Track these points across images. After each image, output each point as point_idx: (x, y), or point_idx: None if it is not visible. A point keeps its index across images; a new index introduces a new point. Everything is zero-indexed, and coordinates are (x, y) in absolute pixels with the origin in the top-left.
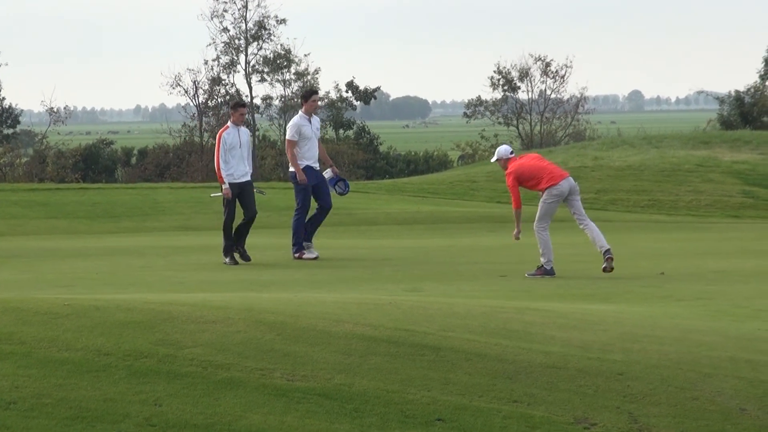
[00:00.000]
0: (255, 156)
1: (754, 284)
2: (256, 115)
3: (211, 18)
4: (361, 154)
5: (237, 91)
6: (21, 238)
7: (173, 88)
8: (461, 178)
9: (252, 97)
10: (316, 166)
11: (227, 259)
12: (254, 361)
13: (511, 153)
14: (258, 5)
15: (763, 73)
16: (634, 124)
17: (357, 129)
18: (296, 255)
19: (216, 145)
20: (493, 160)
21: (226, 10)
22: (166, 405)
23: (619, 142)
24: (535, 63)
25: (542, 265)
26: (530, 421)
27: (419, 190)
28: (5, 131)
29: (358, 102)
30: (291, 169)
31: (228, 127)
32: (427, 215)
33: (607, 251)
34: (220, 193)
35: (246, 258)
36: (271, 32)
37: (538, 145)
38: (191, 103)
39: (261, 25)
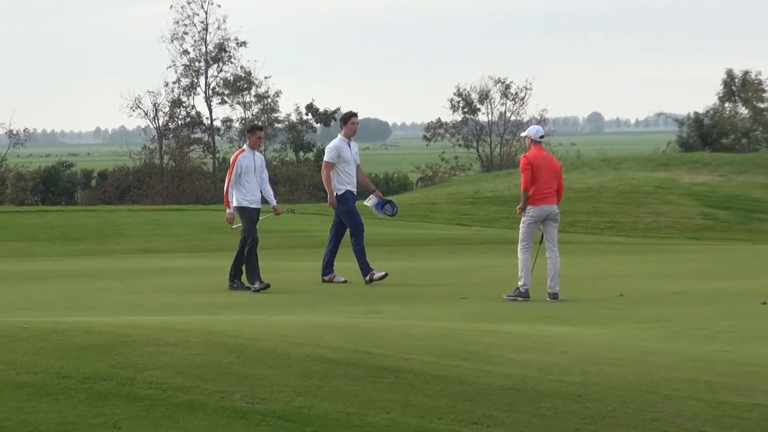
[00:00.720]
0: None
1: (713, 306)
2: (216, 137)
3: (172, 40)
4: (318, 178)
5: (197, 113)
6: None
7: (133, 110)
8: (421, 200)
9: (212, 120)
10: (355, 191)
11: (257, 284)
12: (213, 383)
13: (541, 137)
14: (218, 28)
15: (722, 95)
16: (593, 146)
17: (317, 151)
18: (368, 278)
19: (230, 167)
20: (522, 134)
21: (186, 33)
22: (126, 428)
23: (579, 164)
24: (495, 85)
25: (518, 287)
26: None
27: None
28: None
29: (319, 124)
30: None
31: (244, 150)
32: (387, 237)
33: (554, 295)
34: (237, 225)
35: (245, 287)
36: (231, 54)
37: (498, 167)
38: (151, 126)
39: (221, 47)
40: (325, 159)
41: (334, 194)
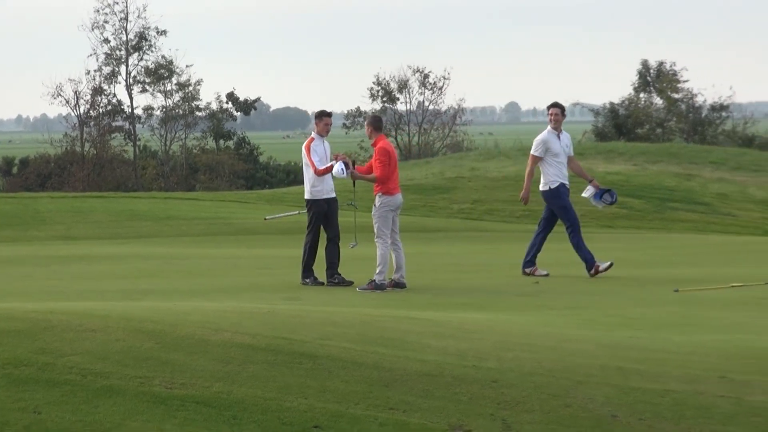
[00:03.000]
0: (191, 167)
1: (626, 294)
2: (137, 125)
3: (92, 29)
4: (241, 165)
5: (118, 101)
6: None
7: (54, 98)
8: (339, 188)
9: (132, 108)
10: (568, 183)
11: (308, 280)
12: (133, 369)
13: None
14: (138, 17)
15: (637, 85)
16: (510, 135)
17: (237, 140)
18: (592, 272)
19: (307, 156)
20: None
21: (107, 21)
22: (46, 413)
23: (496, 153)
24: (414, 75)
25: (373, 279)
26: (406, 428)
27: (298, 200)
28: None
29: (239, 113)
30: (543, 187)
31: (314, 138)
32: (306, 225)
33: (403, 284)
34: (275, 216)
35: (347, 282)
36: (152, 43)
37: (416, 155)
38: (72, 114)
39: (142, 36)
40: (531, 152)
41: (548, 188)
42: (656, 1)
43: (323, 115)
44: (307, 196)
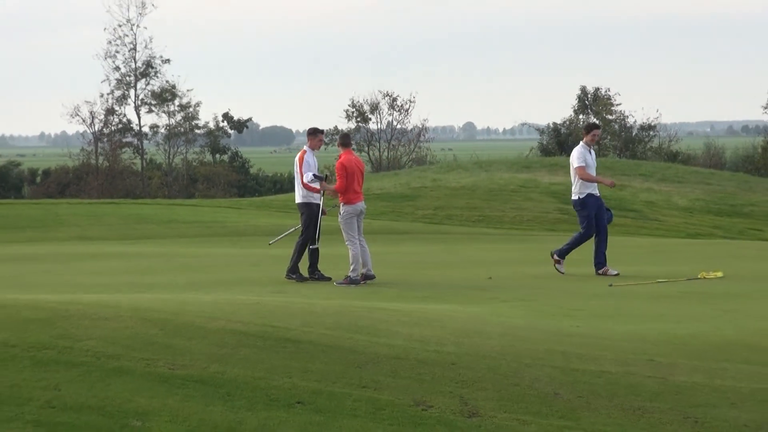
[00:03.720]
0: (191, 178)
1: (567, 288)
2: (144, 141)
3: (105, 58)
4: (234, 175)
5: (128, 120)
6: None
7: (73, 117)
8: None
9: (140, 126)
10: (597, 193)
11: (294, 276)
12: (140, 352)
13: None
14: (145, 47)
15: (576, 108)
16: (467, 151)
17: (231, 154)
18: (601, 272)
19: (299, 166)
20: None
21: (118, 51)
22: (65, 390)
23: (455, 166)
24: (384, 98)
25: (348, 275)
26: (376, 403)
27: (284, 206)
28: None
29: (233, 131)
30: (575, 197)
31: (306, 151)
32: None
33: (369, 274)
34: (276, 239)
35: (326, 278)
36: (158, 70)
37: (386, 168)
38: (88, 131)
39: (148, 64)
40: (577, 165)
41: (578, 197)
42: (594, 34)
43: (318, 132)
44: (299, 200)
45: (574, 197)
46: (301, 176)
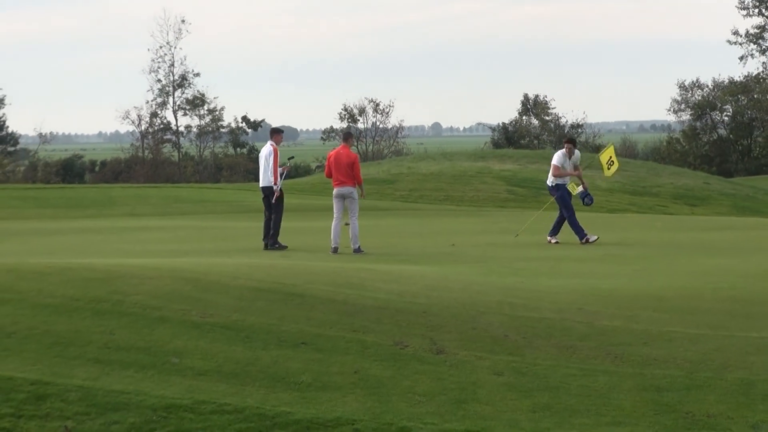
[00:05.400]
0: (217, 167)
1: (514, 252)
2: (181, 138)
3: (149, 72)
4: (251, 165)
5: (168, 122)
6: (19, 222)
7: (124, 119)
8: (317, 180)
9: (177, 126)
10: (564, 183)
11: (277, 245)
12: (177, 304)
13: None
14: (181, 63)
15: (521, 111)
16: (435, 145)
17: (249, 148)
18: (583, 240)
19: (275, 159)
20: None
21: (159, 67)
22: (118, 334)
23: (425, 157)
24: (369, 103)
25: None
26: (364, 344)
27: (291, 189)
28: (9, 149)
29: (250, 129)
30: (551, 184)
31: (276, 147)
32: (296, 205)
33: (357, 249)
34: (279, 184)
35: (283, 246)
36: (190, 82)
37: (371, 158)
38: (136, 130)
39: (183, 77)
40: (554, 164)
41: (552, 184)
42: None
43: (281, 132)
44: (276, 185)
45: (550, 184)
46: (275, 167)
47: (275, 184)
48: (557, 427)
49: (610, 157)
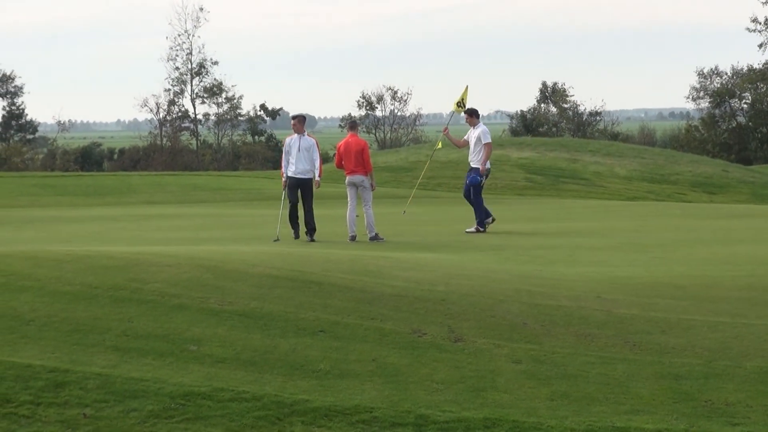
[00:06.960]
0: (237, 154)
1: (532, 240)
2: (199, 126)
3: (168, 60)
4: (270, 153)
5: (186, 110)
6: (38, 209)
7: (142, 107)
8: (334, 168)
9: (195, 114)
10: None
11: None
12: (196, 291)
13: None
14: (199, 51)
15: (539, 98)
16: (453, 132)
17: (267, 136)
18: (477, 228)
19: (318, 151)
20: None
21: (177, 55)
22: (136, 322)
23: (446, 145)
24: (387, 91)
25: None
26: (382, 331)
27: None
28: (28, 137)
29: (268, 117)
30: (489, 166)
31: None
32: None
33: (374, 237)
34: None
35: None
36: (208, 70)
37: (389, 146)
38: (154, 118)
39: (201, 65)
40: (488, 141)
41: (489, 167)
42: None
43: (292, 118)
44: (320, 178)
45: (489, 167)
46: (320, 161)
47: (319, 176)
48: (575, 415)
49: (463, 99)
